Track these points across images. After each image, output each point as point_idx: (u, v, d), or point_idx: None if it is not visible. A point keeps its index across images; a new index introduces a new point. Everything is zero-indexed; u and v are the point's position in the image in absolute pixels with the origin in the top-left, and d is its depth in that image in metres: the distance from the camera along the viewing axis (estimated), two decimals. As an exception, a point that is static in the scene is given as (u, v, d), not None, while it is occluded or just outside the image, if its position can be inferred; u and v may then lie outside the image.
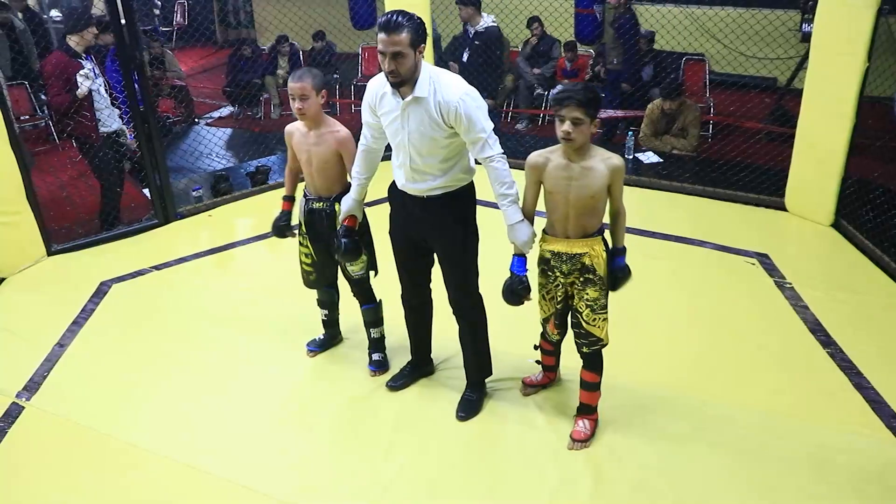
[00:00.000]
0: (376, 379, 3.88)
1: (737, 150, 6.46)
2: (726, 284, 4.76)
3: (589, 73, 8.54)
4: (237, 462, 3.33)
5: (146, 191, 6.07)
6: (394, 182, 3.40)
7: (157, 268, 5.19)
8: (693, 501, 3.05)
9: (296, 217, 3.85)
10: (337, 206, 3.64)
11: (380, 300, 3.92)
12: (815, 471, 3.18)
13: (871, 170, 5.81)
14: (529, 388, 3.72)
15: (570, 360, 3.51)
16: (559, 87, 3.03)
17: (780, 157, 5.99)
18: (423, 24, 3.04)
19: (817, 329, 4.22)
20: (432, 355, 3.91)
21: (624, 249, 3.21)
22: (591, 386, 3.35)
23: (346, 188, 3.62)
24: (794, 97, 5.75)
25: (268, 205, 6.24)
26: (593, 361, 3.29)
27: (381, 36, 2.93)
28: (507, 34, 8.35)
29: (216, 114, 9.55)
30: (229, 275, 5.15)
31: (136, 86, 5.55)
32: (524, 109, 8.45)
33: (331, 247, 3.69)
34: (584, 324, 3.19)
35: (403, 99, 3.07)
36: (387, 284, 3.80)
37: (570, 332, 3.34)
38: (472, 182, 3.37)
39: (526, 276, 3.20)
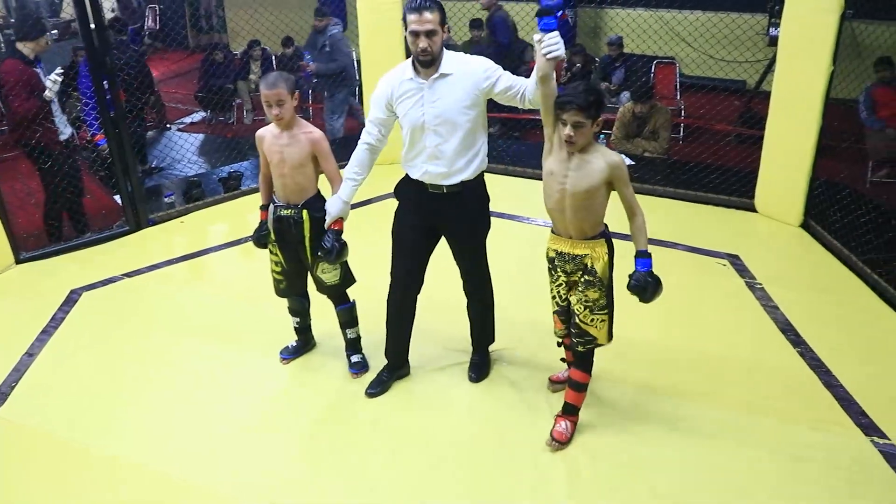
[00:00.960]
0: (352, 383, 3.87)
1: (707, 153, 6.53)
2: (698, 285, 4.81)
3: (565, 75, 8.59)
4: (214, 470, 3.30)
5: (117, 197, 6.01)
6: (406, 178, 3.50)
7: (128, 275, 5.14)
8: (668, 500, 3.07)
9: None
10: (305, 214, 3.61)
11: (353, 300, 3.92)
12: (787, 468, 3.22)
13: (838, 171, 5.91)
14: (556, 384, 3.74)
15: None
16: (562, 91, 3.03)
17: (749, 159, 6.07)
18: (443, 7, 3.23)
19: (787, 329, 4.27)
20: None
21: (645, 253, 3.17)
22: (578, 386, 3.37)
23: (317, 195, 3.66)
24: (763, 100, 5.83)
25: (241, 210, 6.23)
26: (585, 361, 3.32)
27: (413, 17, 3.14)
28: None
29: (188, 119, 9.50)
30: (202, 282, 5.11)
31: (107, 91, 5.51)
32: (496, 114, 8.47)
33: (301, 254, 3.70)
34: (580, 323, 3.22)
35: (427, 79, 3.25)
36: (366, 287, 3.81)
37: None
38: (484, 173, 3.51)
39: (553, 20, 3.04)
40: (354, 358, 3.97)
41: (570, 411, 3.43)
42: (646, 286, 3.13)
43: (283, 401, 3.81)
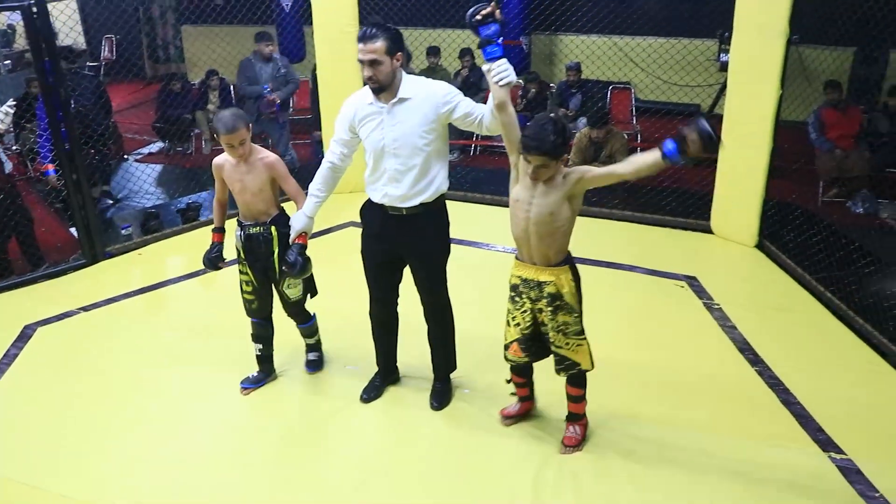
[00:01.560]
0: (312, 415, 3.86)
1: (663, 176, 6.62)
2: (657, 307, 4.87)
3: (520, 102, 8.68)
4: (173, 505, 3.24)
5: (73, 229, 5.93)
6: (368, 202, 3.56)
7: (84, 309, 5.05)
8: (631, 522, 3.09)
9: (229, 250, 3.88)
10: (274, 230, 3.72)
11: (314, 314, 4.08)
12: (748, 486, 3.26)
13: (791, 192, 6.04)
14: (507, 419, 3.70)
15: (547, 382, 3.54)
16: (527, 130, 3.01)
17: (704, 182, 6.17)
18: (399, 34, 3.28)
19: (745, 348, 4.34)
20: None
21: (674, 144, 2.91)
22: (575, 398, 3.44)
23: (281, 211, 3.79)
24: (717, 123, 5.94)
25: (199, 241, 6.12)
26: (575, 379, 3.39)
27: (359, 46, 3.21)
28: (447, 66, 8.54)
29: (146, 150, 9.40)
30: (160, 314, 5.05)
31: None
32: (456, 140, 8.53)
33: (269, 270, 3.78)
34: (557, 349, 3.26)
35: (387, 103, 3.30)
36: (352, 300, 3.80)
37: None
38: (444, 196, 3.55)
39: (497, 48, 3.09)
40: (311, 356, 4.21)
41: (574, 418, 3.50)
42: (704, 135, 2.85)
43: (241, 435, 3.75)
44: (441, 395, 3.89)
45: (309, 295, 3.96)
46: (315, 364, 4.18)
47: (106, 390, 4.12)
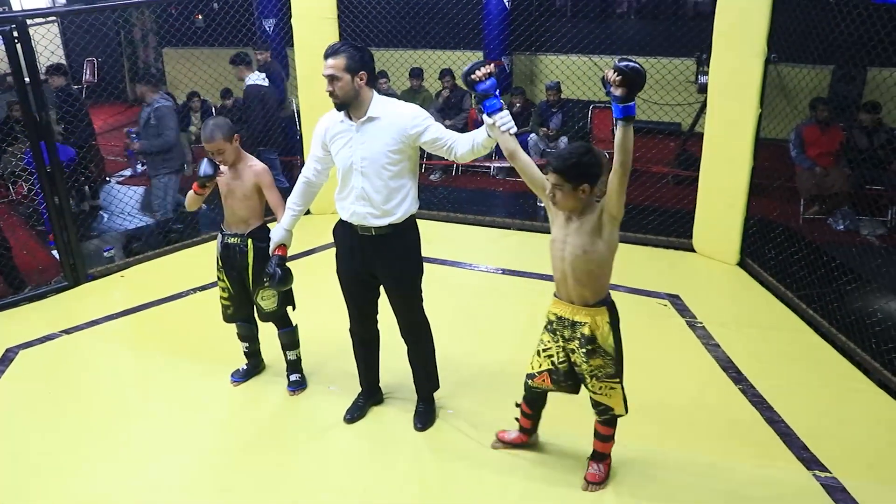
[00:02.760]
0: (303, 426, 3.87)
1: (645, 195, 6.67)
2: (639, 326, 4.84)
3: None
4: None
5: (55, 252, 5.89)
6: (340, 221, 3.58)
7: (66, 332, 5.01)
8: (617, 544, 3.08)
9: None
10: (250, 242, 3.87)
11: (295, 324, 4.15)
12: (732, 505, 3.25)
13: (772, 209, 6.08)
14: (499, 443, 3.65)
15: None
16: (554, 151, 2.99)
17: (686, 200, 6.20)
18: (365, 53, 3.31)
19: (728, 366, 4.35)
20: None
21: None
22: (603, 437, 3.36)
23: (262, 226, 3.93)
24: (698, 141, 5.99)
25: (182, 263, 6.14)
26: (607, 420, 3.30)
27: (324, 61, 3.29)
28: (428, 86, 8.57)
29: (128, 172, 9.36)
30: (142, 337, 5.00)
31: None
32: (437, 161, 8.55)
33: (245, 280, 3.93)
34: (592, 394, 3.20)
35: (357, 121, 3.35)
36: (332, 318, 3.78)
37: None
38: (414, 216, 3.55)
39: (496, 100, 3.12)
40: (293, 377, 4.21)
41: (599, 458, 3.41)
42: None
43: (222, 458, 3.71)
44: (424, 416, 3.87)
45: (290, 307, 4.06)
46: (298, 384, 4.19)
47: (88, 413, 4.09)
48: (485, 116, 3.18)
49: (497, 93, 3.15)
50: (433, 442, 3.75)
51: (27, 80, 5.31)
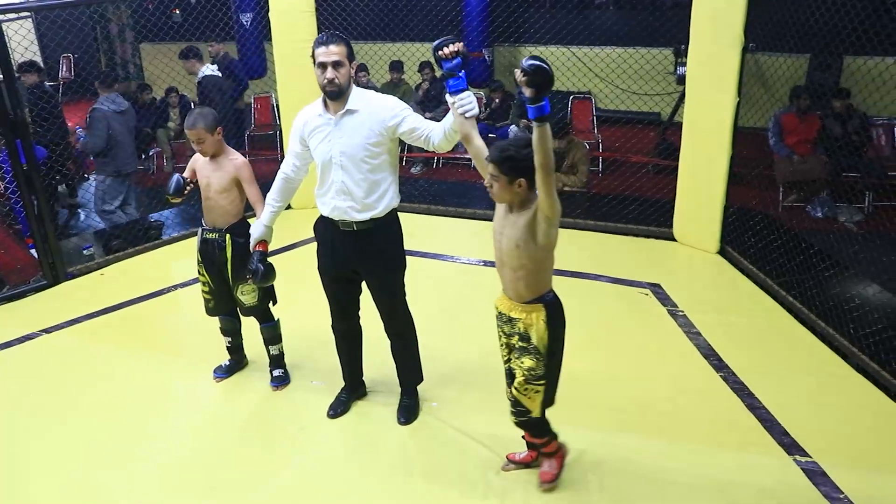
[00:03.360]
0: (287, 422, 3.85)
1: (625, 185, 6.70)
2: (622, 316, 4.90)
3: (485, 111, 8.71)
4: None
5: (33, 251, 5.84)
6: (320, 217, 3.56)
7: (46, 331, 4.96)
8: (601, 532, 3.09)
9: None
10: (228, 238, 3.86)
11: (277, 319, 4.15)
12: (716, 493, 3.27)
13: (751, 198, 6.12)
14: (511, 464, 3.47)
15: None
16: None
17: (666, 189, 6.23)
18: (351, 45, 3.35)
19: (710, 354, 4.38)
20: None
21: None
22: (541, 445, 3.29)
23: (240, 221, 3.91)
24: (677, 130, 6.01)
25: (162, 260, 6.11)
26: (530, 427, 3.20)
27: (321, 49, 3.25)
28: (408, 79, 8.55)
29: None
30: (124, 335, 4.95)
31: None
32: (418, 153, 8.54)
33: (224, 275, 3.93)
34: (514, 390, 3.10)
35: (335, 114, 3.33)
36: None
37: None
38: (396, 210, 3.54)
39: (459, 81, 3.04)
40: (276, 372, 4.20)
41: (549, 456, 3.33)
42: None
43: (204, 455, 3.68)
44: (408, 409, 3.87)
45: (271, 302, 4.07)
46: (281, 379, 4.18)
47: (67, 414, 4.05)
48: (447, 96, 3.10)
49: (462, 73, 3.05)
50: (417, 435, 3.75)
51: (1, 76, 5.24)
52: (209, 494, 3.41)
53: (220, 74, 7.47)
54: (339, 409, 3.92)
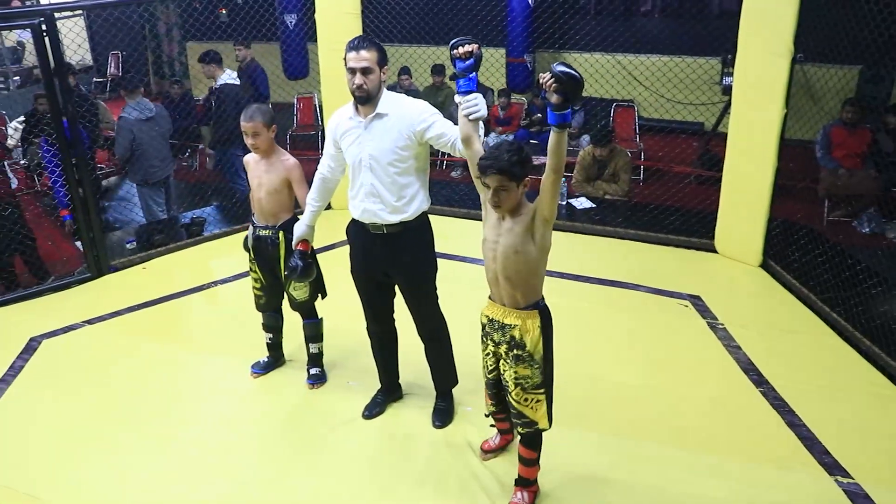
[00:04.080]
0: (321, 421, 3.85)
1: (667, 194, 6.62)
2: (660, 327, 4.84)
3: (524, 119, 8.69)
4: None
5: (79, 243, 5.94)
6: (352, 221, 3.57)
7: (89, 322, 5.05)
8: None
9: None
10: (281, 235, 3.91)
11: (321, 317, 4.17)
12: (752, 510, 3.23)
13: (795, 211, 6.02)
14: (488, 453, 3.57)
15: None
16: (483, 154, 2.92)
17: (708, 201, 6.15)
18: (384, 50, 3.35)
19: (750, 368, 4.31)
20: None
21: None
22: (527, 461, 3.21)
23: (292, 218, 3.95)
24: (721, 141, 5.93)
25: (203, 257, 6.17)
26: (530, 439, 3.14)
27: (351, 55, 3.27)
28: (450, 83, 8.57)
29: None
30: (163, 329, 5.02)
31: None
32: (459, 158, 8.51)
33: (276, 271, 4.00)
34: (514, 402, 3.04)
35: (365, 117, 3.35)
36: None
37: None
38: (426, 213, 3.55)
39: (469, 82, 3.06)
40: (313, 370, 4.22)
41: (524, 483, 3.26)
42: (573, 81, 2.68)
43: (240, 450, 3.72)
44: (443, 413, 3.87)
45: (320, 296, 4.11)
46: (318, 378, 4.21)
47: (108, 403, 4.13)
48: (456, 96, 3.12)
49: (473, 75, 3.05)
50: (451, 439, 3.74)
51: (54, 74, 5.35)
52: (239, 489, 3.44)
53: (238, 83, 7.25)
54: (374, 410, 3.93)
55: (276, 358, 4.37)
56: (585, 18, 9.12)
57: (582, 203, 6.77)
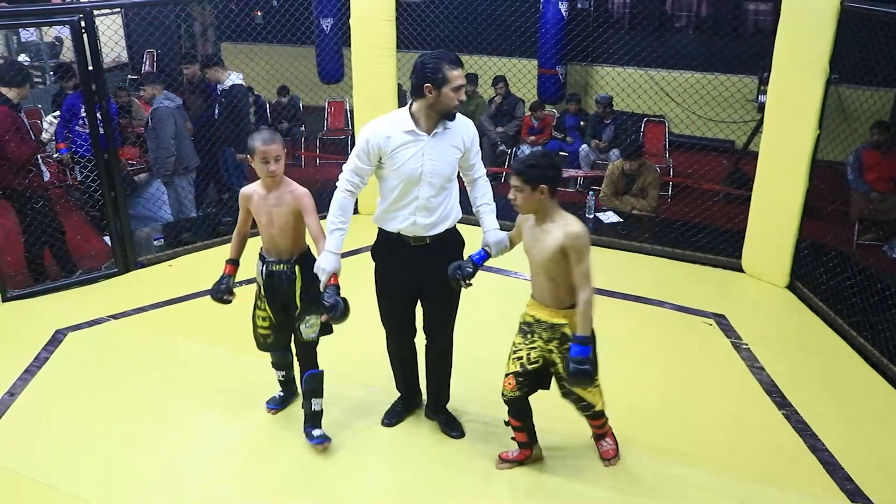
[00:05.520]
0: (341, 428, 3.82)
1: (695, 212, 6.59)
2: (684, 344, 4.81)
3: (556, 134, 8.68)
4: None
5: (107, 238, 6.02)
6: (385, 239, 3.51)
7: (114, 317, 5.11)
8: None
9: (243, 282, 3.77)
10: (297, 268, 3.61)
11: (322, 370, 3.74)
12: (770, 533, 3.19)
13: (825, 233, 5.95)
14: (504, 462, 3.60)
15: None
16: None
17: (736, 219, 6.11)
18: None
19: (773, 390, 4.26)
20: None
21: (583, 339, 3.11)
22: (599, 426, 3.58)
23: (306, 250, 3.67)
24: (752, 160, 5.89)
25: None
26: (593, 415, 3.47)
27: (458, 72, 3.25)
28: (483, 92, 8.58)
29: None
30: (188, 326, 5.06)
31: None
32: (488, 168, 8.53)
33: (290, 308, 3.66)
34: (576, 391, 3.31)
35: (429, 130, 3.33)
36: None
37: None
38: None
39: (479, 265, 3.41)
40: (316, 432, 3.75)
41: (602, 437, 3.61)
42: (577, 374, 3.11)
43: (260, 450, 3.76)
44: (454, 421, 3.89)
45: (328, 334, 3.71)
46: (325, 437, 3.75)
47: (130, 398, 4.17)
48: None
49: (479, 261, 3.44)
50: (473, 447, 3.75)
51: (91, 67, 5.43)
52: (254, 488, 3.47)
53: (242, 84, 7.17)
54: (393, 418, 3.93)
55: (291, 392, 4.12)
56: (619, 32, 9.12)
57: (609, 217, 6.75)
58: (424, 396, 4.01)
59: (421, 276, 3.52)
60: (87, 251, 6.19)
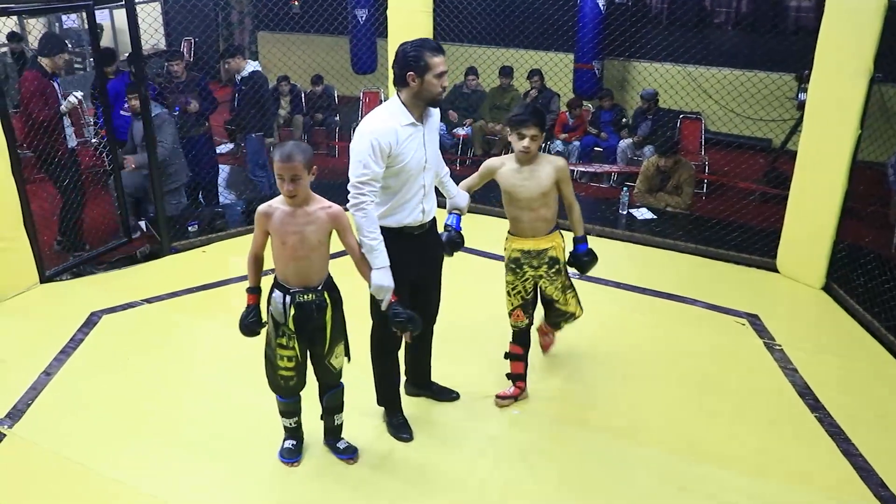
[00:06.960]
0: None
1: (730, 210, 6.51)
2: (716, 344, 4.76)
3: (591, 129, 8.62)
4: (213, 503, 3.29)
5: (142, 223, 6.10)
6: (395, 231, 3.41)
7: (148, 301, 5.18)
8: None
9: (265, 311, 3.38)
10: (326, 295, 3.26)
11: (342, 384, 3.54)
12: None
13: (863, 234, 5.86)
14: (504, 399, 4.01)
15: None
16: (514, 111, 3.65)
17: (772, 219, 6.03)
18: None
19: (806, 393, 4.21)
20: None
21: (582, 238, 3.87)
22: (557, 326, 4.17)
23: (328, 274, 3.33)
24: (789, 159, 5.81)
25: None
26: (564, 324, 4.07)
27: (441, 58, 3.32)
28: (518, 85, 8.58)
29: (217, 150, 9.57)
30: (220, 312, 5.10)
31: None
32: (483, 156, 8.50)
33: (317, 342, 3.32)
34: (559, 307, 3.88)
35: (421, 117, 3.40)
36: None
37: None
38: None
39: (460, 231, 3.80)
40: (342, 445, 3.63)
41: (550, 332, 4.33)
42: (587, 264, 3.88)
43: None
44: (443, 388, 4.10)
45: (346, 359, 3.49)
46: (350, 450, 3.63)
47: (161, 381, 4.24)
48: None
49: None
50: (497, 435, 3.77)
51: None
52: (287, 471, 3.49)
53: (260, 71, 7.13)
54: (408, 430, 3.80)
55: (302, 439, 3.68)
56: (657, 28, 9.02)
57: (643, 214, 6.70)
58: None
59: (419, 262, 3.54)
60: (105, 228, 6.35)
